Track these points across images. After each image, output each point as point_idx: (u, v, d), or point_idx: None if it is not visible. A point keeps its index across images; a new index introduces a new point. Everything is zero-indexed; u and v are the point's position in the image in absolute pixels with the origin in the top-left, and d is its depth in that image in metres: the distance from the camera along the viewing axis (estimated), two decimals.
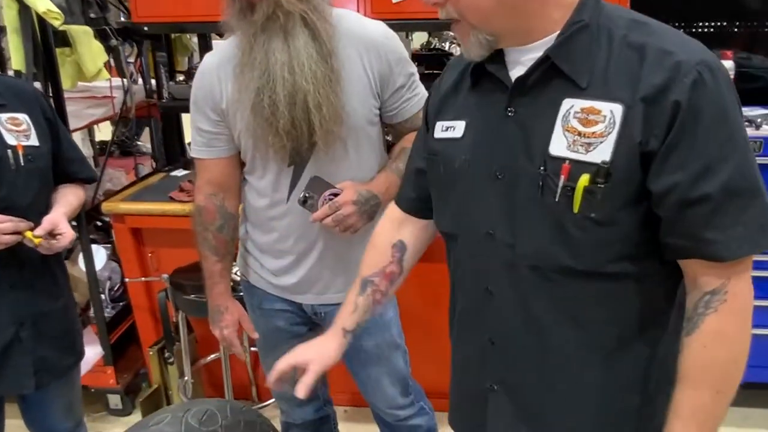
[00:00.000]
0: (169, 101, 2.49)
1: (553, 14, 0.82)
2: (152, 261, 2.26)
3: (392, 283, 1.14)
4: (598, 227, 0.80)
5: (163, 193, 2.21)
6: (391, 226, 1.14)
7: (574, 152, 0.80)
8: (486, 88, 0.90)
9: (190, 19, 2.31)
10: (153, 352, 2.20)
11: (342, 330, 1.13)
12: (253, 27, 1.26)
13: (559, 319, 0.88)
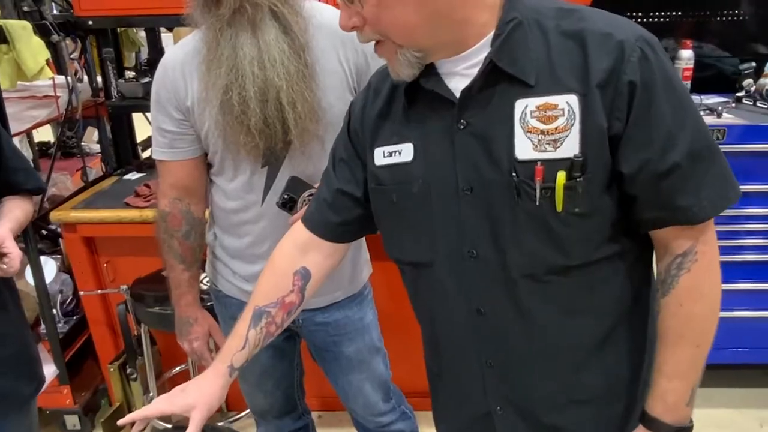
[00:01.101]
0: (118, 100, 2.33)
1: (481, 18, 0.78)
2: (108, 271, 2.12)
3: (289, 315, 1.03)
4: (583, 220, 0.79)
5: (118, 199, 2.07)
6: (294, 250, 1.03)
7: (543, 152, 0.78)
8: (426, 106, 0.85)
9: (138, 13, 2.17)
10: (114, 368, 2.07)
11: (228, 368, 0.98)
12: (219, 21, 1.17)
13: (559, 319, 0.86)
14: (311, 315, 1.45)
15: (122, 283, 2.03)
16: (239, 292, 1.45)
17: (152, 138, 1.36)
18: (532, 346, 0.87)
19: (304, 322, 1.47)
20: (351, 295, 1.48)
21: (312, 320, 1.46)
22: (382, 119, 0.92)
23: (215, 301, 1.54)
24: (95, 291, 2.07)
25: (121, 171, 2.41)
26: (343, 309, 1.47)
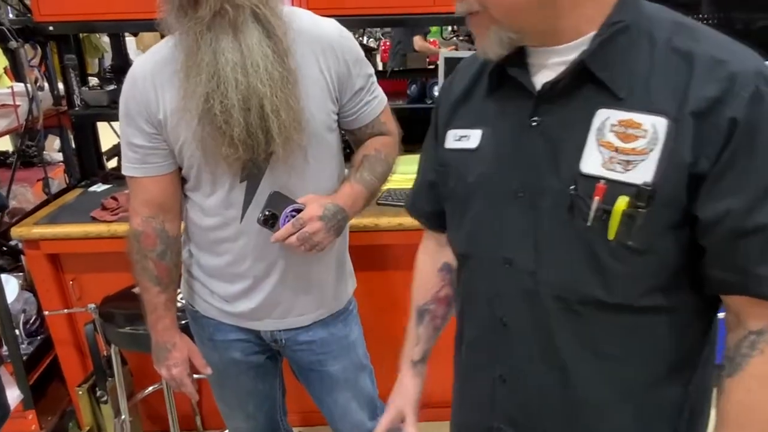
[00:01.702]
0: (82, 108, 2.23)
1: (588, 12, 0.72)
2: (74, 289, 2.02)
3: (449, 306, 1.08)
4: (635, 256, 0.71)
5: (83, 213, 1.97)
6: (432, 247, 1.08)
7: (610, 170, 0.70)
8: (506, 94, 0.81)
9: (101, 17, 2.08)
10: (82, 391, 1.96)
11: (411, 363, 1.10)
12: (199, 24, 1.09)
13: (585, 355, 0.79)
14: (294, 334, 1.40)
15: (89, 301, 1.93)
16: (218, 313, 1.38)
17: (122, 153, 1.28)
18: (554, 380, 0.81)
19: (287, 342, 1.41)
20: (335, 311, 1.42)
21: (295, 340, 1.40)
22: (459, 102, 0.89)
23: (192, 322, 1.47)
24: (61, 310, 1.96)
25: (85, 183, 2.30)
26: (327, 326, 1.41)
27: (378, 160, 1.33)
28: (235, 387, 1.50)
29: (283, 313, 1.36)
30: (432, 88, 2.23)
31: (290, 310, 1.36)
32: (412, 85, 2.28)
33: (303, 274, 1.33)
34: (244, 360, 1.45)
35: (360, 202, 1.30)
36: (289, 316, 1.37)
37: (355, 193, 1.28)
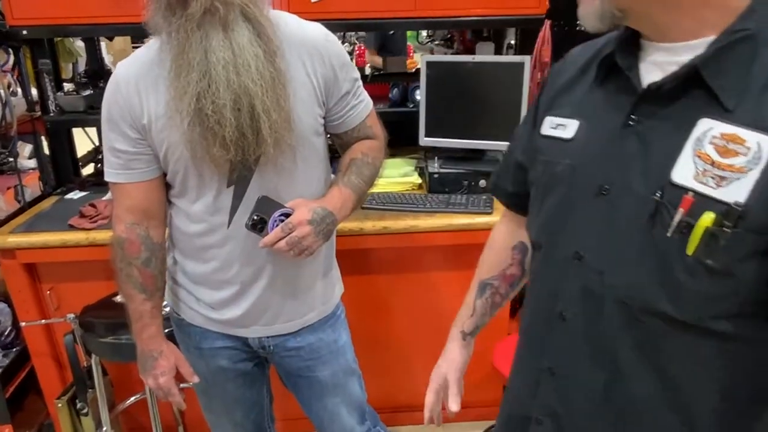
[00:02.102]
0: (57, 114, 2.19)
1: (711, 15, 0.68)
2: (51, 299, 1.97)
3: (512, 286, 1.08)
4: (712, 276, 0.67)
5: (61, 221, 1.93)
6: (510, 226, 1.07)
7: (702, 183, 0.66)
8: (610, 88, 0.78)
9: (77, 21, 2.04)
10: (62, 404, 1.91)
11: (461, 333, 1.11)
12: (189, 22, 1.08)
13: (640, 365, 0.76)
14: (282, 340, 1.38)
15: (68, 311, 1.88)
16: (205, 321, 1.37)
17: (105, 159, 1.26)
18: (603, 379, 0.79)
19: (275, 348, 1.39)
20: (324, 316, 1.42)
21: (284, 346, 1.39)
22: (563, 89, 0.87)
23: (177, 330, 1.45)
24: (38, 321, 1.91)
25: (61, 190, 2.25)
26: (316, 332, 1.40)
27: (365, 163, 1.33)
28: (222, 395, 1.48)
29: (270, 320, 1.35)
30: (413, 92, 2.24)
31: (278, 315, 1.35)
32: (393, 89, 2.28)
33: (291, 279, 1.32)
34: (232, 367, 1.43)
35: (348, 205, 1.29)
36: (277, 322, 1.36)
37: (343, 197, 1.28)
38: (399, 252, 1.98)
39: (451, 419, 1.12)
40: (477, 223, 1.89)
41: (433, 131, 2.12)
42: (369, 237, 1.87)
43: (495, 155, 2.18)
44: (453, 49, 2.81)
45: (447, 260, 2.01)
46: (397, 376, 2.19)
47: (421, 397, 1.63)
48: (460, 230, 1.89)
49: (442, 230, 1.89)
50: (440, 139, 2.13)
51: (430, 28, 2.59)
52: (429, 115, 2.10)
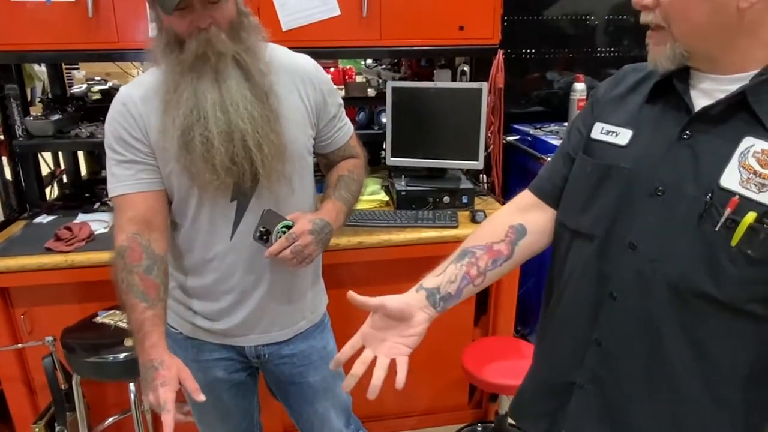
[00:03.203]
0: (25, 138, 2.19)
1: (756, 54, 0.82)
2: (25, 323, 1.96)
3: (494, 263, 1.03)
4: (751, 264, 0.82)
5: (34, 244, 1.93)
6: (515, 209, 1.10)
7: (746, 189, 0.81)
8: (663, 107, 0.91)
9: (45, 48, 2.07)
10: (39, 428, 1.90)
11: (419, 285, 1.01)
12: (180, 65, 1.19)
13: (682, 339, 0.89)
14: (277, 348, 1.47)
15: (42, 335, 1.89)
16: (202, 333, 1.44)
17: (109, 179, 1.31)
18: (647, 351, 0.91)
19: (270, 356, 1.48)
20: (313, 324, 1.52)
21: (278, 354, 1.48)
22: (617, 101, 0.99)
23: (173, 345, 1.48)
24: (15, 345, 1.90)
25: (28, 214, 2.24)
26: (307, 339, 1.50)
27: (352, 179, 1.47)
28: (217, 406, 1.54)
29: (266, 327, 1.43)
30: (379, 115, 2.38)
31: (273, 324, 1.43)
32: (360, 113, 2.41)
33: (287, 287, 1.42)
34: (227, 378, 1.50)
35: (341, 217, 1.41)
36: (272, 330, 1.44)
37: (337, 209, 1.40)
38: (373, 265, 2.09)
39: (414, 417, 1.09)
40: (445, 236, 2.03)
41: (399, 152, 2.27)
42: (346, 252, 1.97)
43: (456, 173, 2.35)
44: (400, 74, 2.97)
45: (419, 272, 2.13)
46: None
47: (393, 404, 1.72)
48: (429, 243, 2.03)
49: (413, 243, 2.02)
50: (405, 159, 2.27)
51: (395, 56, 2.74)
52: (394, 136, 2.24)
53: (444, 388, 2.41)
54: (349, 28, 2.12)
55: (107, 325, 1.81)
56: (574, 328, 1.03)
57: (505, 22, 2.40)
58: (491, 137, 2.42)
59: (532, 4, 2.67)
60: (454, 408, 2.47)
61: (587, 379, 1.00)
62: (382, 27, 2.15)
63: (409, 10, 2.15)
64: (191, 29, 1.17)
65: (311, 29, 2.10)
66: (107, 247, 1.89)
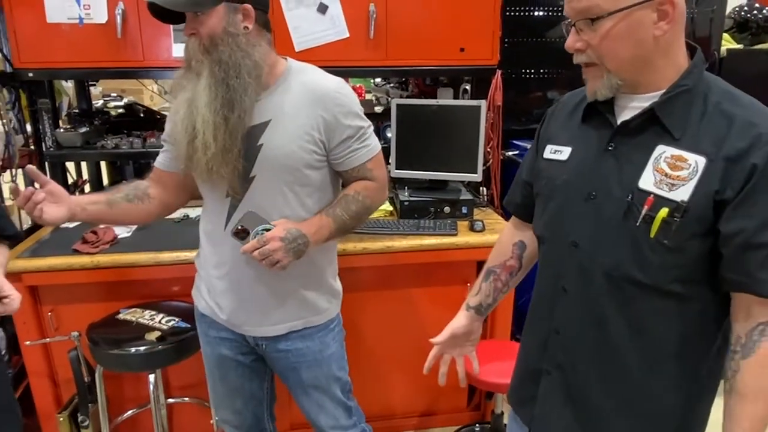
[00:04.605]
0: (55, 149, 2.35)
1: (669, 74, 0.97)
2: (52, 320, 2.10)
3: (511, 275, 1.33)
4: (668, 252, 0.96)
5: (63, 246, 2.08)
6: (514, 228, 1.34)
7: (660, 189, 0.95)
8: (594, 125, 1.07)
9: (75, 65, 2.24)
10: (63, 417, 2.03)
11: (466, 305, 1.35)
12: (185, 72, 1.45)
13: (621, 320, 1.03)
14: (273, 342, 1.59)
15: (67, 331, 2.03)
16: (213, 313, 1.59)
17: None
18: (595, 335, 1.06)
19: (267, 348, 1.60)
20: (313, 326, 1.60)
21: (275, 347, 1.60)
22: (561, 125, 1.15)
23: (196, 319, 1.68)
24: (44, 339, 2.04)
25: None
26: (304, 339, 1.59)
27: (355, 200, 1.54)
28: (224, 381, 1.67)
29: (259, 321, 1.55)
30: (385, 130, 2.53)
31: (264, 319, 1.55)
32: None
33: (275, 285, 1.52)
34: (233, 357, 1.63)
35: (324, 232, 1.49)
36: (265, 324, 1.56)
37: (321, 223, 1.49)
38: (378, 270, 2.22)
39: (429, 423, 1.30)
40: (444, 243, 2.17)
41: (403, 164, 2.41)
42: (351, 257, 2.11)
43: (456, 185, 2.48)
44: (408, 92, 3.12)
45: (418, 276, 2.27)
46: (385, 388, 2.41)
47: (396, 405, 1.83)
48: (429, 249, 2.17)
49: (414, 250, 2.16)
50: (409, 171, 2.41)
51: (399, 75, 2.90)
52: (399, 150, 2.39)
53: (444, 390, 2.52)
54: (356, 49, 2.28)
55: (129, 321, 1.95)
56: (539, 320, 1.18)
57: (506, 44, 2.55)
58: (490, 152, 2.56)
59: (532, 27, 2.82)
60: (453, 410, 2.58)
61: (553, 366, 1.14)
62: (387, 48, 2.31)
63: (413, 33, 2.31)
64: (186, 35, 1.40)
65: (322, 50, 2.27)
66: (130, 249, 2.06)
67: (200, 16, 1.35)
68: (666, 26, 0.94)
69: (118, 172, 2.82)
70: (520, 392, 1.26)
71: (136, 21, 2.17)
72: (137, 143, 2.40)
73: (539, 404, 1.18)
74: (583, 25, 0.98)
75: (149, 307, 2.04)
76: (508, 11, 2.62)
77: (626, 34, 0.94)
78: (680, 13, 0.95)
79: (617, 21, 0.94)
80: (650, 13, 0.93)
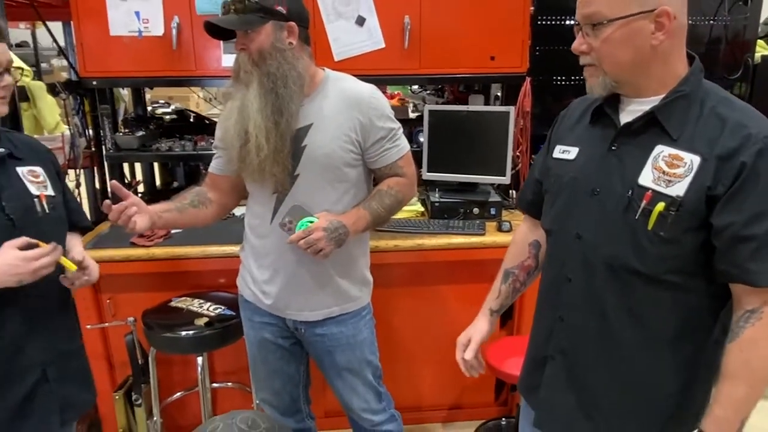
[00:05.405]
0: (114, 151, 2.57)
1: (668, 80, 1.06)
2: (110, 307, 2.30)
3: (529, 275, 1.40)
4: (664, 243, 1.04)
5: (122, 240, 2.27)
6: (528, 229, 1.42)
7: (657, 185, 1.04)
8: (599, 126, 1.17)
9: (135, 74, 2.44)
10: (119, 396, 2.22)
11: (489, 310, 1.42)
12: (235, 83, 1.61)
13: (621, 308, 1.11)
14: (312, 326, 1.74)
15: (123, 317, 2.22)
16: (256, 299, 1.75)
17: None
18: (596, 322, 1.14)
19: (306, 332, 1.75)
20: (347, 312, 1.75)
21: (312, 331, 1.75)
22: (569, 128, 1.25)
23: (240, 305, 1.84)
24: (103, 324, 2.24)
25: None
26: (339, 325, 1.74)
27: (388, 194, 1.70)
28: (265, 363, 1.83)
29: (300, 307, 1.71)
30: (417, 135, 2.66)
31: (305, 305, 1.70)
32: None
33: (315, 278, 1.68)
34: (273, 341, 1.79)
35: (361, 223, 1.65)
36: (305, 310, 1.71)
37: (359, 215, 1.65)
38: (408, 266, 2.35)
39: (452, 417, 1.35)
40: (472, 242, 2.28)
41: (434, 167, 2.53)
42: (384, 253, 2.24)
43: (486, 188, 2.59)
44: (443, 99, 3.24)
45: (447, 273, 2.39)
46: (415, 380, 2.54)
47: (425, 398, 1.89)
48: (458, 248, 2.28)
49: (443, 248, 2.28)
50: (440, 174, 2.54)
51: (432, 83, 3.03)
52: (431, 153, 2.52)
53: (472, 386, 2.62)
54: (392, 59, 2.42)
55: (180, 308, 2.13)
56: (545, 308, 1.27)
57: (538, 52, 2.65)
58: (519, 156, 2.66)
59: (563, 35, 2.89)
60: (481, 404, 2.68)
61: (557, 351, 1.23)
62: (421, 57, 2.44)
63: (445, 42, 2.44)
64: (237, 50, 1.56)
65: (360, 60, 2.42)
66: (181, 243, 2.24)
67: (250, 33, 1.50)
68: (662, 36, 1.02)
69: (170, 174, 3.03)
70: (528, 379, 1.34)
71: (190, 34, 2.36)
72: (188, 146, 2.60)
73: (543, 388, 1.26)
74: (588, 30, 1.07)
75: (198, 296, 2.22)
76: (540, 20, 2.72)
77: (624, 41, 1.04)
78: (678, 26, 1.04)
79: (617, 28, 1.03)
80: (648, 23, 1.02)
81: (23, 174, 1.41)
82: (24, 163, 1.43)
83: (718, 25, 2.88)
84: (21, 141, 1.47)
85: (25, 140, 1.51)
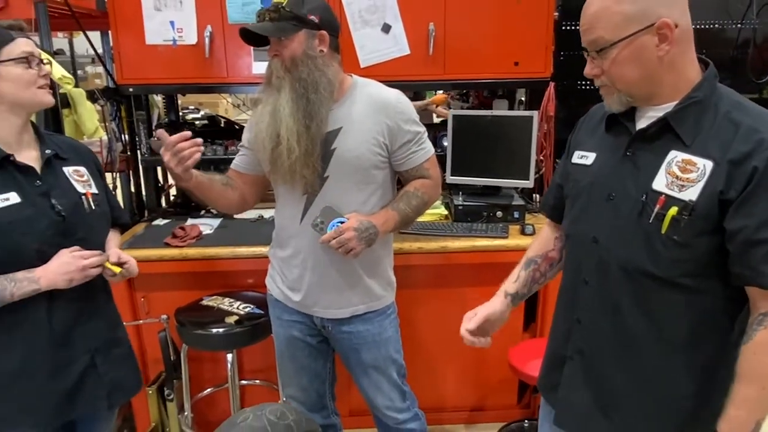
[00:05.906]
0: (149, 156, 2.66)
1: (680, 86, 1.08)
2: (144, 305, 2.39)
3: (551, 266, 1.41)
4: (678, 247, 1.06)
5: (156, 241, 2.37)
6: (553, 226, 1.43)
7: (671, 190, 1.06)
8: (615, 132, 1.19)
9: (169, 81, 2.53)
10: (152, 390, 2.31)
11: (504, 292, 1.39)
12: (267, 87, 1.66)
13: (636, 311, 1.13)
14: (339, 324, 1.80)
15: (157, 314, 2.31)
16: (285, 299, 1.81)
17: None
18: (612, 323, 1.16)
19: (333, 330, 1.81)
20: (373, 310, 1.80)
21: (339, 329, 1.81)
22: (588, 133, 1.29)
23: (269, 304, 1.91)
24: (137, 321, 2.33)
25: (149, 217, 2.71)
26: (365, 323, 1.80)
27: (415, 195, 1.77)
28: (293, 359, 1.89)
29: (328, 304, 1.77)
30: (441, 139, 2.70)
31: (332, 303, 1.76)
32: None
33: (344, 276, 1.74)
34: (301, 338, 1.85)
35: (390, 223, 1.72)
36: (332, 307, 1.77)
37: (388, 216, 1.71)
38: (431, 268, 2.39)
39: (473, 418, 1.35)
40: (495, 245, 2.31)
41: (458, 171, 2.57)
42: (408, 255, 2.29)
43: (509, 191, 2.62)
44: (468, 103, 3.27)
45: (470, 275, 2.42)
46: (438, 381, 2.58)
47: (447, 399, 1.88)
48: (481, 251, 2.32)
49: (466, 251, 2.31)
50: (463, 178, 2.57)
51: (456, 88, 3.07)
52: (454, 157, 2.56)
53: (495, 388, 2.65)
54: (417, 65, 2.48)
55: (211, 307, 2.21)
56: (564, 310, 1.30)
57: (562, 57, 2.67)
58: (543, 160, 2.68)
59: None
60: (504, 407, 2.70)
61: (575, 352, 1.26)
62: (445, 63, 2.49)
63: (469, 49, 2.48)
64: (270, 56, 1.62)
65: (385, 66, 2.47)
66: (212, 244, 2.32)
67: (283, 40, 1.57)
68: (667, 47, 1.05)
69: None
70: (547, 379, 1.37)
71: (222, 42, 2.44)
72: (219, 150, 2.68)
73: (562, 387, 1.29)
74: (595, 54, 1.10)
75: (228, 295, 2.30)
76: (565, 26, 2.74)
77: (631, 59, 1.06)
78: (682, 32, 1.06)
79: (621, 49, 1.06)
80: (651, 38, 1.04)
81: (69, 173, 1.50)
82: (69, 163, 1.52)
83: (746, 28, 2.86)
84: (65, 143, 1.56)
85: (68, 142, 1.60)
